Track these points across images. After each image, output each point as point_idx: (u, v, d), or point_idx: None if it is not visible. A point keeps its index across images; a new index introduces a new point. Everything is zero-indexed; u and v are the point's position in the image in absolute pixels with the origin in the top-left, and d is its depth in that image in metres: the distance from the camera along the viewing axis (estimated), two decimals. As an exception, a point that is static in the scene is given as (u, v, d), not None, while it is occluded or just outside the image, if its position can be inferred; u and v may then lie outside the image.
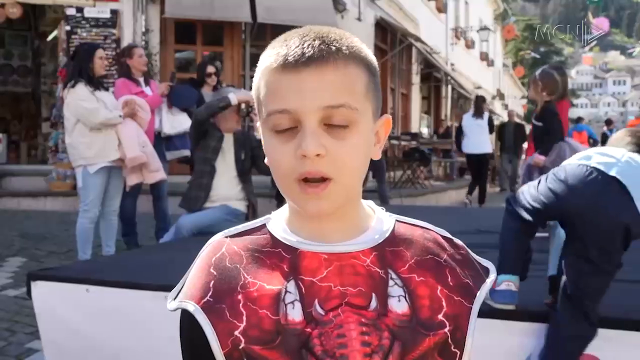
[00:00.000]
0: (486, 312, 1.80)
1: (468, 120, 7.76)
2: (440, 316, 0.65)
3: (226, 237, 0.71)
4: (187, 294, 0.67)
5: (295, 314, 0.63)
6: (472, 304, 0.68)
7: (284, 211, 0.71)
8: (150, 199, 4.68)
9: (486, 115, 7.78)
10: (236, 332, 0.63)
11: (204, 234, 3.37)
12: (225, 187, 3.59)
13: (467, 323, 0.67)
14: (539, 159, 3.46)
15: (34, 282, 2.28)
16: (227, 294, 0.65)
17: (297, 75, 0.62)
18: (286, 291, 0.64)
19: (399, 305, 0.64)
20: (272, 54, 0.65)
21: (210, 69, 5.04)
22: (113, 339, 2.16)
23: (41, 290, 2.28)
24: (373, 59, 0.68)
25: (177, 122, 4.62)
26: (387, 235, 0.69)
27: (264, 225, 0.71)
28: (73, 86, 3.75)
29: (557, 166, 3.28)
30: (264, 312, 0.63)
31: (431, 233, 0.72)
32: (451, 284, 0.67)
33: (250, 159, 3.65)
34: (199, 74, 5.07)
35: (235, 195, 3.61)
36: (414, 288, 0.66)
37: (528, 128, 7.95)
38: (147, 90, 4.49)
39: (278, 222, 0.71)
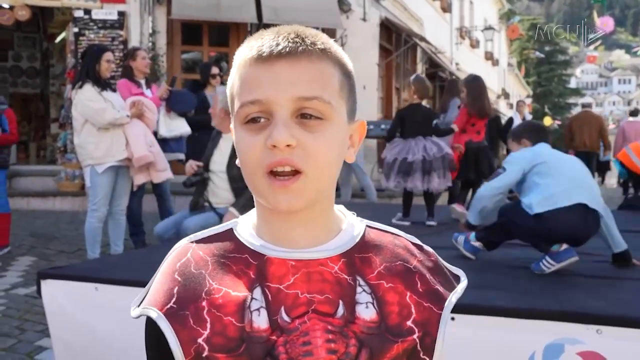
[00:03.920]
0: (490, 309, 1.82)
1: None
2: (409, 322, 0.64)
3: (192, 242, 0.69)
4: (151, 300, 0.66)
5: (260, 321, 0.62)
6: (442, 310, 0.67)
7: (251, 215, 0.70)
8: (155, 198, 4.72)
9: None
10: (199, 340, 0.61)
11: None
12: (222, 191, 3.52)
13: (436, 329, 0.66)
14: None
15: (44, 281, 2.29)
16: (191, 301, 0.63)
17: (271, 66, 0.61)
18: (252, 298, 0.63)
19: (366, 312, 0.63)
20: (247, 48, 0.64)
21: (215, 70, 5.08)
22: (121, 336, 2.18)
23: (51, 288, 2.29)
24: (348, 62, 0.68)
25: (174, 126, 4.69)
26: (356, 241, 0.68)
27: (231, 230, 0.69)
28: (80, 87, 3.78)
29: (398, 158, 4.05)
30: (228, 319, 0.62)
31: (401, 239, 0.71)
32: (420, 290, 0.67)
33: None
34: (203, 75, 5.10)
35: (229, 200, 3.50)
36: (383, 294, 0.65)
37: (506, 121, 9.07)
38: (148, 92, 4.52)
39: (245, 227, 0.69)
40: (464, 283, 0.72)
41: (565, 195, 2.36)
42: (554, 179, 2.42)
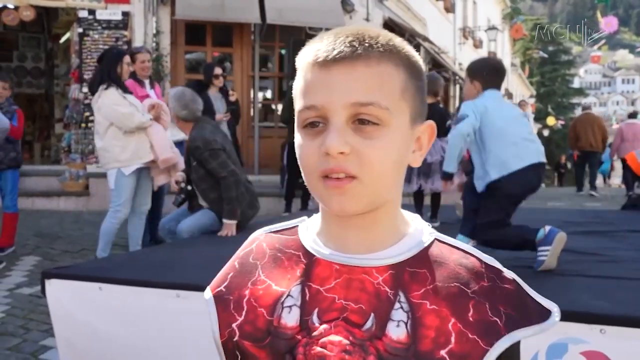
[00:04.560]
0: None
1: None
2: (443, 352, 0.58)
3: (263, 233, 0.73)
4: (212, 282, 0.71)
5: (290, 318, 0.62)
6: (491, 346, 0.59)
7: (319, 215, 0.70)
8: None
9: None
10: (233, 325, 0.66)
11: (207, 233, 3.43)
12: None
13: None
14: None
15: (48, 280, 2.29)
16: (238, 288, 0.68)
17: (327, 71, 0.60)
18: (288, 295, 0.64)
19: (396, 330, 0.59)
20: (308, 51, 0.64)
21: (217, 70, 5.11)
22: (125, 335, 2.19)
23: (55, 288, 2.30)
24: (417, 62, 0.65)
25: (177, 130, 4.76)
26: (414, 253, 0.64)
27: (296, 227, 0.71)
28: (106, 89, 3.78)
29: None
30: (261, 311, 0.64)
31: (471, 259, 0.64)
32: (471, 319, 0.59)
33: (201, 167, 3.41)
34: (206, 75, 5.12)
35: (203, 202, 3.53)
36: (421, 316, 0.60)
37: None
38: (152, 93, 4.56)
39: (309, 226, 0.70)
40: (551, 320, 0.62)
41: (517, 158, 2.59)
42: (503, 143, 2.63)
